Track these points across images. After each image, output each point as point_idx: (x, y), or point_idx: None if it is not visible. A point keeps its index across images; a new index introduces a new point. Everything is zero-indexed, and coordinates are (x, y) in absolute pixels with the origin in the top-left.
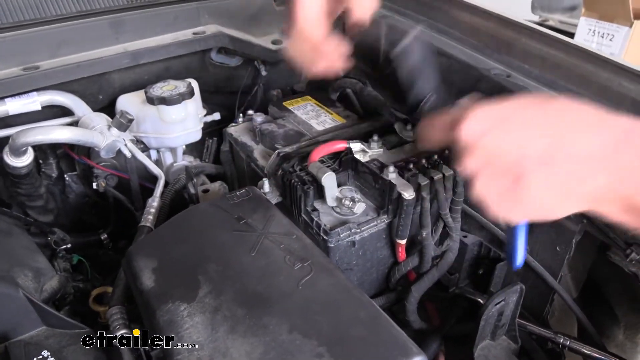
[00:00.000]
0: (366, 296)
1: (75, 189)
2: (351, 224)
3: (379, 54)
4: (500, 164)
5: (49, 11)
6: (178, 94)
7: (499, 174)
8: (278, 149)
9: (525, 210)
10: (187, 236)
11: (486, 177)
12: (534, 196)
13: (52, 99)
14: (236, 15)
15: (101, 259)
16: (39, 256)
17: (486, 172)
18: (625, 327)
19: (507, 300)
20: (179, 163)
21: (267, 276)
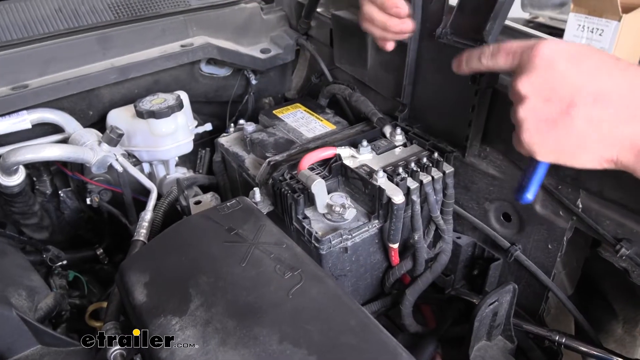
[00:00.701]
0: (356, 303)
1: (70, 204)
2: (342, 230)
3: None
4: (558, 90)
5: (36, 30)
6: (167, 107)
7: (552, 100)
8: (268, 158)
9: (558, 145)
10: (179, 249)
11: (538, 99)
12: (575, 130)
13: (42, 116)
14: (224, 26)
15: (98, 274)
16: (33, 275)
17: (541, 94)
18: (623, 321)
19: (501, 300)
20: (172, 175)
21: (257, 286)
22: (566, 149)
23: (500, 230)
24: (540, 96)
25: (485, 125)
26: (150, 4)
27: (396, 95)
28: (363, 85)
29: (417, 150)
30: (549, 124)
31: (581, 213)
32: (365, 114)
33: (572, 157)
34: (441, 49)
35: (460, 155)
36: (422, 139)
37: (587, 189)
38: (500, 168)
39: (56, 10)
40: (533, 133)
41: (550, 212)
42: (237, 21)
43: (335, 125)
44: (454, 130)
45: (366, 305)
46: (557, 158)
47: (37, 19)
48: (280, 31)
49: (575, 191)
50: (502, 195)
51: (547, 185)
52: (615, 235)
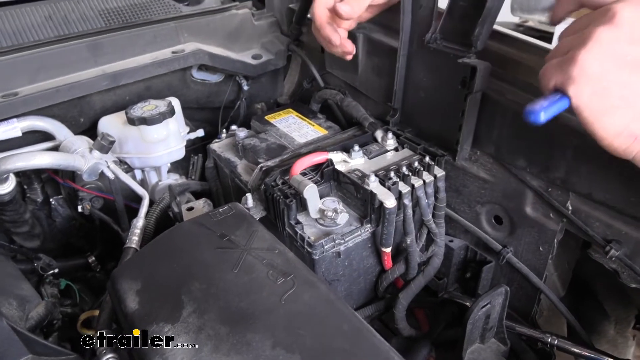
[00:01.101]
0: (349, 307)
1: (61, 212)
2: (335, 235)
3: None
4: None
5: (26, 37)
6: (159, 113)
7: (635, 42)
8: (261, 164)
9: (605, 87)
10: (171, 256)
11: (627, 33)
12: (634, 85)
13: (32, 124)
14: (215, 32)
15: (90, 282)
16: (23, 283)
17: (634, 31)
18: (615, 322)
19: (493, 302)
20: (164, 182)
21: (250, 292)
22: (606, 98)
23: (491, 233)
24: (632, 33)
25: (475, 129)
26: (141, 11)
27: (387, 100)
28: (354, 90)
29: (409, 155)
30: (617, 62)
31: (571, 215)
32: (357, 119)
33: (601, 111)
34: (431, 53)
35: (451, 159)
36: (414, 143)
37: (577, 191)
38: (491, 171)
39: (46, 18)
40: (594, 58)
41: (540, 215)
42: (228, 27)
43: (327, 130)
44: (445, 134)
45: (360, 310)
46: (587, 100)
47: (27, 27)
48: (272, 37)
49: (565, 194)
50: (493, 198)
51: (537, 188)
52: (605, 237)
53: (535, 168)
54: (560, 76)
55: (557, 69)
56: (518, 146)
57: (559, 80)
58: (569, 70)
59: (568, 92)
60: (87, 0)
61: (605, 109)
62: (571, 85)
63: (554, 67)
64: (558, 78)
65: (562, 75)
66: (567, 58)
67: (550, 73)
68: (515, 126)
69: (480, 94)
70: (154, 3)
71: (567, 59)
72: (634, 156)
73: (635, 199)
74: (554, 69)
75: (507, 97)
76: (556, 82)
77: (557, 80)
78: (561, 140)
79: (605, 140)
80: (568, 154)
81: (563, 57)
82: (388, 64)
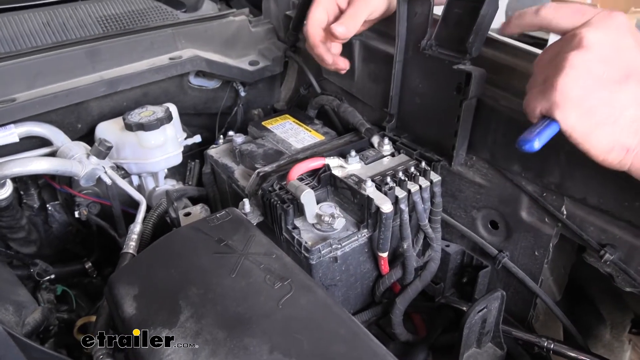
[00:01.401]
0: (346, 312)
1: (58, 218)
2: (332, 239)
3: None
4: (622, 57)
5: (24, 44)
6: (156, 119)
7: (611, 63)
8: (258, 169)
9: (588, 107)
10: (168, 261)
11: (598, 55)
12: (615, 102)
13: (29, 130)
14: (212, 39)
15: (86, 287)
16: (20, 289)
17: (603, 52)
18: (611, 326)
19: (489, 307)
20: (161, 187)
21: (247, 297)
22: (592, 117)
23: (487, 238)
24: (601, 53)
25: (470, 135)
26: (138, 18)
27: (383, 105)
28: (351, 96)
29: (405, 160)
30: (595, 82)
31: (566, 220)
32: (353, 125)
33: (590, 130)
34: (426, 60)
35: (447, 165)
36: (410, 149)
37: (571, 196)
38: (487, 176)
39: (44, 24)
40: (573, 82)
41: (536, 219)
42: (225, 34)
43: (323, 136)
44: (441, 140)
45: (357, 315)
46: (574, 122)
47: (25, 33)
48: (269, 43)
49: (560, 198)
50: (489, 203)
51: (532, 192)
52: (600, 241)
53: (530, 173)
54: (545, 103)
55: (539, 97)
56: (513, 151)
57: (544, 108)
58: (551, 97)
59: (555, 117)
60: (85, 7)
61: (594, 127)
62: (557, 111)
63: (536, 96)
64: (543, 106)
65: (546, 102)
66: (547, 86)
67: (534, 102)
68: (509, 131)
69: (475, 100)
70: (151, 10)
71: (547, 86)
72: (629, 167)
73: (628, 204)
74: (537, 98)
75: (502, 103)
76: (541, 109)
77: (543, 107)
78: (555, 146)
79: (600, 157)
80: (562, 159)
81: (543, 86)
82: (384, 71)
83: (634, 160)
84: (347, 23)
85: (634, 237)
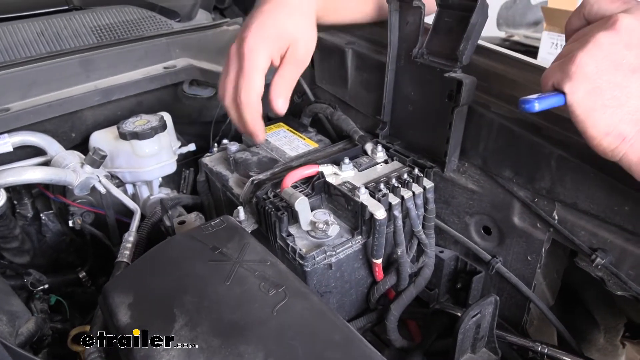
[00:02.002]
0: (340, 318)
1: (51, 227)
2: (326, 246)
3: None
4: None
5: (19, 54)
6: (150, 128)
7: (634, 49)
8: (252, 177)
9: (599, 86)
10: (163, 269)
11: (625, 39)
12: (627, 87)
13: (23, 139)
14: (206, 48)
15: (81, 297)
16: (13, 299)
17: (631, 37)
18: (605, 330)
19: (483, 312)
20: (156, 196)
21: (242, 304)
22: (598, 96)
23: (481, 244)
24: (629, 39)
25: (462, 141)
26: (133, 28)
27: (376, 113)
28: (344, 104)
29: (398, 167)
30: (611, 65)
31: (557, 224)
32: (347, 132)
33: (593, 108)
34: (418, 68)
35: (439, 171)
36: (403, 156)
37: (562, 201)
38: (479, 182)
39: (38, 34)
40: (591, 58)
41: (528, 225)
42: (219, 43)
43: (317, 144)
44: (433, 147)
45: (352, 322)
46: (581, 97)
47: (20, 43)
48: None
49: (551, 203)
50: (482, 209)
51: (523, 198)
52: (591, 245)
53: (521, 179)
54: (559, 75)
55: (557, 69)
56: (504, 157)
57: (557, 79)
58: (567, 69)
59: (564, 89)
60: (79, 17)
61: (597, 106)
62: (567, 83)
63: (554, 68)
64: (557, 77)
65: (560, 74)
66: (567, 58)
67: (551, 73)
68: (500, 138)
69: (467, 107)
70: (145, 20)
71: (567, 58)
72: (621, 157)
73: (618, 208)
74: (555, 69)
75: (493, 110)
76: (554, 81)
77: (556, 79)
78: (545, 151)
79: (595, 140)
80: (552, 164)
81: (564, 59)
82: (377, 79)
83: (627, 151)
84: (286, 93)
85: (624, 241)
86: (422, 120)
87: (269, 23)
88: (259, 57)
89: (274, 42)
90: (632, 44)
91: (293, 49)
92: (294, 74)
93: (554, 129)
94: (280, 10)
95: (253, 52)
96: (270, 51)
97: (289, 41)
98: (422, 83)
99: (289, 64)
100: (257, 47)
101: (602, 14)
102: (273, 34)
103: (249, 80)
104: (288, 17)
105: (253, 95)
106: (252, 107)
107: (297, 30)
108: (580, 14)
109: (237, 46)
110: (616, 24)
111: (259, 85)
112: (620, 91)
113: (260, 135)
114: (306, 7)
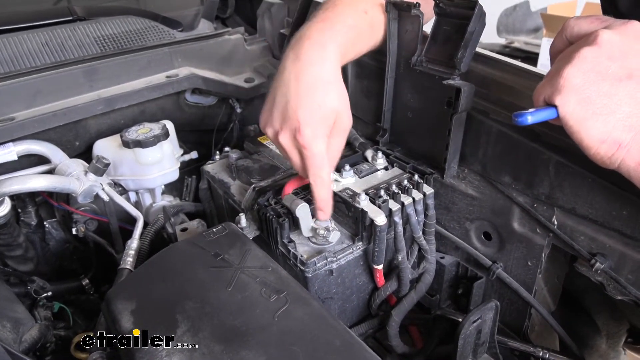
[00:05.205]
0: (341, 323)
1: (55, 235)
2: (327, 253)
3: None
4: (628, 58)
5: (23, 64)
6: (153, 136)
7: (617, 61)
8: (254, 184)
9: (588, 97)
10: (165, 276)
11: (607, 52)
12: (614, 97)
13: (28, 148)
14: (208, 57)
15: (84, 304)
16: (17, 306)
17: (613, 51)
18: (607, 336)
19: (484, 317)
20: (158, 203)
21: (244, 310)
22: (589, 105)
23: (481, 249)
24: (611, 52)
25: (462, 148)
26: (136, 37)
27: (376, 120)
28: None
29: (398, 173)
30: (598, 75)
31: (557, 230)
32: (347, 139)
33: (585, 117)
34: (417, 76)
35: (439, 177)
36: (403, 162)
37: (561, 206)
38: (479, 188)
39: (43, 45)
40: (578, 71)
41: (527, 230)
42: (221, 52)
43: None
44: (433, 153)
45: (353, 328)
46: (572, 108)
47: (25, 53)
48: (264, 61)
49: (550, 209)
50: (482, 215)
51: (523, 204)
52: (590, 250)
53: (520, 184)
54: (549, 90)
55: (547, 85)
56: (503, 163)
57: (547, 94)
58: (556, 83)
59: (555, 102)
60: (83, 27)
61: (589, 115)
62: (557, 96)
63: (544, 84)
64: (547, 91)
65: (550, 88)
66: (555, 74)
67: (542, 89)
68: (499, 144)
69: (465, 113)
70: (148, 30)
71: (555, 74)
72: (619, 164)
73: (616, 213)
74: (545, 85)
75: (492, 117)
76: (545, 95)
77: (546, 93)
78: (544, 157)
79: (592, 149)
80: (551, 170)
81: (552, 75)
82: (376, 86)
83: (625, 157)
84: (326, 207)
85: (623, 246)
86: (422, 127)
87: (314, 107)
88: (320, 146)
89: (324, 125)
90: (614, 55)
91: (339, 121)
92: (342, 144)
93: (552, 135)
94: (319, 87)
95: (313, 143)
96: (325, 133)
97: (334, 117)
98: (421, 90)
99: (337, 136)
100: (315, 136)
101: (584, 34)
102: (321, 117)
103: (319, 170)
104: (327, 94)
105: (324, 177)
106: (325, 185)
107: (339, 104)
108: (562, 37)
109: (290, 134)
110: (597, 39)
111: (327, 172)
112: (609, 99)
113: (328, 213)
114: (335, 72)
